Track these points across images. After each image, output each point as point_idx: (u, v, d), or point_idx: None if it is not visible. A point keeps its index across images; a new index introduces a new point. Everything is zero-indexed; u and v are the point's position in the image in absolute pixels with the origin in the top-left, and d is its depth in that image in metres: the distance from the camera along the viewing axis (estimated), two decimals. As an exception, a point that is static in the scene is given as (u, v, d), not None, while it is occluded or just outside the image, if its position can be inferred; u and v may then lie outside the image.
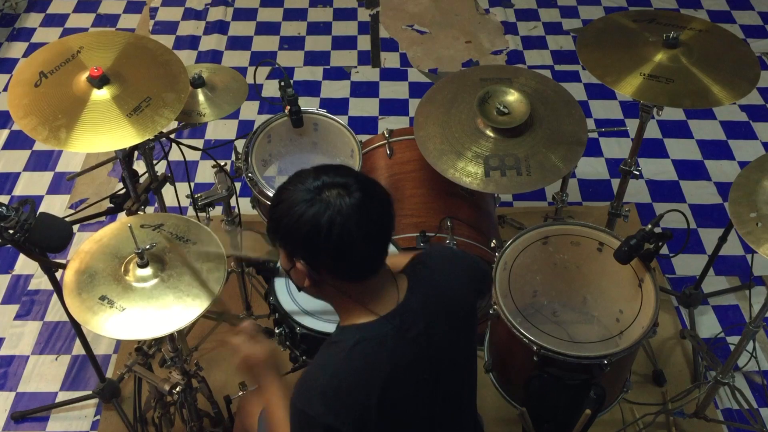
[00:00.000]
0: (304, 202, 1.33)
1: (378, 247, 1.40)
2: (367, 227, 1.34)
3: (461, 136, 2.25)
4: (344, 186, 1.34)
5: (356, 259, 1.37)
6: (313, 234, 1.32)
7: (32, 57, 2.04)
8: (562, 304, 2.39)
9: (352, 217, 1.32)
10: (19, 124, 1.87)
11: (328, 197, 1.33)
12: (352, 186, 1.34)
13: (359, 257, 1.37)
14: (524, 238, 2.22)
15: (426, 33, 4.14)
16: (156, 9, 4.26)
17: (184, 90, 2.02)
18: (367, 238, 1.35)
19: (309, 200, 1.33)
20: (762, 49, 3.99)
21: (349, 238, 1.33)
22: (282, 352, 2.16)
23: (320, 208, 1.32)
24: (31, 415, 2.57)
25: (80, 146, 1.87)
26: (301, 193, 1.34)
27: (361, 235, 1.33)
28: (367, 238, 1.35)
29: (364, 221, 1.34)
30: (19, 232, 1.75)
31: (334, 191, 1.33)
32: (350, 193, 1.33)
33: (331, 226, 1.31)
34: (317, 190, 1.34)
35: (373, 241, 1.37)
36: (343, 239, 1.32)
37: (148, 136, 1.91)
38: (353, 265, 1.38)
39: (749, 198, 1.90)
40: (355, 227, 1.32)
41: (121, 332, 1.64)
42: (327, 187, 1.34)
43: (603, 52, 2.27)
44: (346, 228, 1.32)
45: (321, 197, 1.33)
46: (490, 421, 1.75)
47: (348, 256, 1.36)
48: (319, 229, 1.32)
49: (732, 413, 2.59)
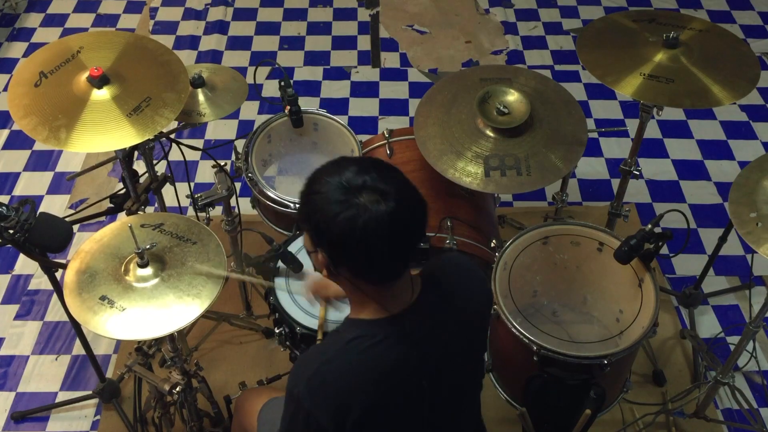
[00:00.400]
0: (338, 203, 1.29)
1: (404, 257, 1.38)
2: (397, 240, 1.33)
3: (461, 136, 2.25)
4: (383, 193, 1.30)
5: (380, 267, 1.36)
6: (342, 238, 1.31)
7: (32, 57, 2.04)
8: (562, 304, 2.39)
9: (384, 229, 1.29)
10: (19, 124, 1.87)
11: (364, 203, 1.29)
12: (390, 194, 1.30)
13: (383, 266, 1.36)
14: (524, 238, 2.23)
15: (426, 33, 4.14)
16: (156, 9, 4.26)
17: (184, 90, 2.02)
18: (395, 249, 1.34)
19: (344, 201, 1.29)
20: (762, 49, 3.99)
21: (378, 249, 1.31)
22: (282, 351, 2.15)
23: (354, 214, 1.28)
24: (31, 415, 2.57)
25: (80, 146, 1.87)
26: (338, 192, 1.30)
27: (389, 247, 1.32)
28: (394, 250, 1.34)
29: (395, 234, 1.31)
30: (19, 232, 1.75)
31: (372, 197, 1.29)
32: (387, 201, 1.29)
33: (362, 235, 1.29)
34: (355, 192, 1.30)
35: (400, 252, 1.36)
36: (371, 249, 1.31)
37: (148, 136, 1.91)
38: (376, 271, 1.38)
39: (749, 198, 1.90)
40: (385, 239, 1.30)
41: (121, 332, 1.64)
42: (366, 190, 1.30)
43: (603, 52, 2.27)
44: (376, 238, 1.29)
45: (357, 201, 1.29)
46: (490, 421, 1.75)
47: (373, 264, 1.35)
48: (348, 235, 1.30)
49: (732, 413, 2.59)
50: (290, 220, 2.40)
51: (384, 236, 1.30)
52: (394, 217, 1.30)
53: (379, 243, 1.31)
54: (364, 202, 1.29)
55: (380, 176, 1.33)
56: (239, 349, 2.73)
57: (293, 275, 2.11)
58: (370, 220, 1.28)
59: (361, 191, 1.30)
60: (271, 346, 2.74)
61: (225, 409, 2.42)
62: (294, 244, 2.19)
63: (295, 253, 2.11)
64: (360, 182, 1.31)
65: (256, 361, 2.70)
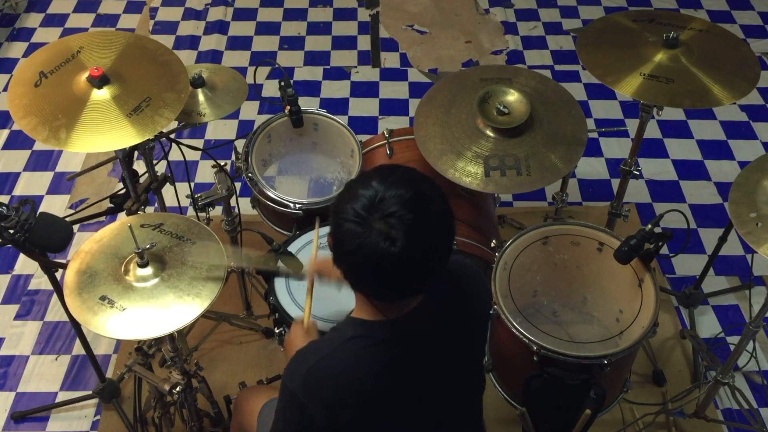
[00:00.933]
0: (355, 224, 1.26)
1: (414, 290, 1.37)
2: (404, 278, 1.30)
3: (461, 136, 2.25)
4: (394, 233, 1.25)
5: (390, 292, 1.35)
6: (355, 263, 1.30)
7: (32, 57, 2.04)
8: (562, 304, 2.39)
9: (389, 267, 1.27)
10: (19, 124, 1.87)
11: (376, 237, 1.25)
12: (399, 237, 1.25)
13: (394, 291, 1.35)
14: (524, 238, 2.23)
15: (426, 33, 4.14)
16: (156, 9, 4.26)
17: (184, 90, 2.02)
18: (408, 278, 1.31)
19: (360, 224, 1.26)
20: (762, 49, 3.99)
21: (390, 278, 1.30)
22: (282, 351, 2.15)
23: (362, 243, 1.25)
24: (31, 415, 2.57)
25: (80, 146, 1.87)
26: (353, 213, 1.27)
27: (401, 277, 1.30)
28: (407, 278, 1.31)
29: (401, 274, 1.29)
30: (19, 232, 1.75)
31: (391, 221, 1.25)
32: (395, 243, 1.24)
33: (377, 264, 1.27)
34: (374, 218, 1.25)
35: (408, 287, 1.34)
36: (383, 277, 1.29)
37: (148, 136, 1.91)
38: (382, 297, 1.37)
39: (749, 198, 1.90)
40: (391, 276, 1.29)
41: (121, 332, 1.64)
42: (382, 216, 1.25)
43: (603, 52, 2.27)
44: (389, 266, 1.27)
45: (369, 224, 1.25)
46: (490, 421, 1.75)
47: (382, 290, 1.35)
48: (354, 261, 1.29)
49: (732, 413, 2.59)
50: (290, 220, 2.40)
51: (389, 273, 1.28)
52: (401, 260, 1.26)
53: (392, 274, 1.29)
54: (376, 236, 1.25)
55: (407, 207, 1.26)
56: (239, 349, 2.73)
57: (293, 275, 2.11)
58: (374, 255, 1.26)
59: (381, 219, 1.26)
60: (271, 346, 2.74)
61: (225, 409, 2.42)
62: (294, 244, 2.19)
63: (295, 253, 2.11)
64: (386, 210, 1.26)
65: (256, 361, 2.70)
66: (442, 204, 1.33)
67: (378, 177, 1.30)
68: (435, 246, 1.31)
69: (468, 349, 1.57)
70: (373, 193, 1.28)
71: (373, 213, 1.26)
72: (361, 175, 1.34)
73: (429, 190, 1.32)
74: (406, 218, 1.25)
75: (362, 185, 1.30)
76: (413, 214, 1.26)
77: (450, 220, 1.34)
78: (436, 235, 1.30)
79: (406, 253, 1.25)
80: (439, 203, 1.32)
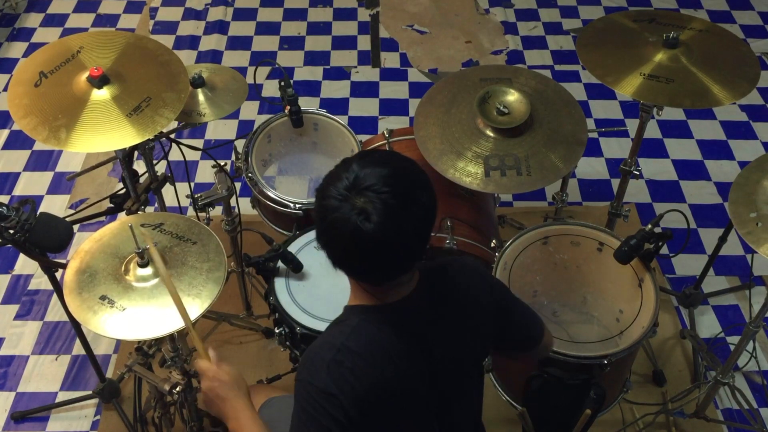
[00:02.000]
0: (335, 200, 1.28)
1: (399, 269, 1.37)
2: (385, 256, 1.31)
3: (461, 136, 2.25)
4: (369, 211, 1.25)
5: (370, 272, 1.36)
6: (330, 237, 1.31)
7: (32, 57, 2.04)
8: (562, 304, 2.39)
9: (367, 245, 1.28)
10: (19, 124, 1.87)
11: (357, 204, 1.26)
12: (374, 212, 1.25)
13: (374, 270, 1.35)
14: (524, 238, 2.23)
15: (426, 33, 4.14)
16: (156, 9, 4.26)
17: (184, 90, 2.02)
18: (384, 264, 1.32)
19: (340, 201, 1.27)
20: (762, 49, 3.99)
21: (366, 255, 1.30)
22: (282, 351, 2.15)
23: (344, 216, 1.26)
24: (31, 415, 2.57)
25: (80, 146, 1.87)
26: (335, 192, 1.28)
27: (377, 254, 1.30)
28: (383, 264, 1.32)
29: (380, 251, 1.29)
30: (19, 232, 1.75)
31: (368, 194, 1.26)
32: (369, 219, 1.25)
33: (351, 239, 1.27)
34: (350, 191, 1.27)
35: (393, 266, 1.34)
36: (359, 254, 1.30)
37: (148, 136, 1.91)
38: (367, 278, 1.38)
39: (749, 198, 1.90)
40: (371, 254, 1.29)
41: (121, 332, 1.64)
42: (359, 191, 1.27)
43: (603, 52, 2.27)
44: (364, 242, 1.27)
45: (349, 201, 1.26)
46: (490, 421, 1.75)
47: (361, 269, 1.35)
48: (335, 236, 1.30)
49: (732, 413, 2.59)
50: (290, 220, 2.40)
51: (364, 250, 1.29)
52: (375, 236, 1.26)
53: (371, 251, 1.29)
54: (351, 211, 1.26)
55: (384, 182, 1.27)
56: (239, 349, 2.73)
57: (293, 275, 2.11)
58: (348, 229, 1.26)
59: (358, 194, 1.27)
60: (271, 346, 2.74)
61: (225, 409, 2.42)
62: (294, 244, 2.19)
63: (295, 253, 2.12)
64: (363, 185, 1.27)
65: (256, 361, 2.70)
66: (421, 182, 1.33)
67: (357, 158, 1.33)
68: (413, 223, 1.30)
69: (469, 347, 1.56)
70: (353, 174, 1.29)
71: (352, 191, 1.28)
72: (344, 160, 1.35)
73: (406, 168, 1.33)
74: (382, 192, 1.26)
75: (344, 169, 1.32)
76: (390, 189, 1.27)
77: (430, 198, 1.33)
78: (414, 212, 1.30)
79: (381, 229, 1.26)
80: (418, 182, 1.33)
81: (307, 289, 2.09)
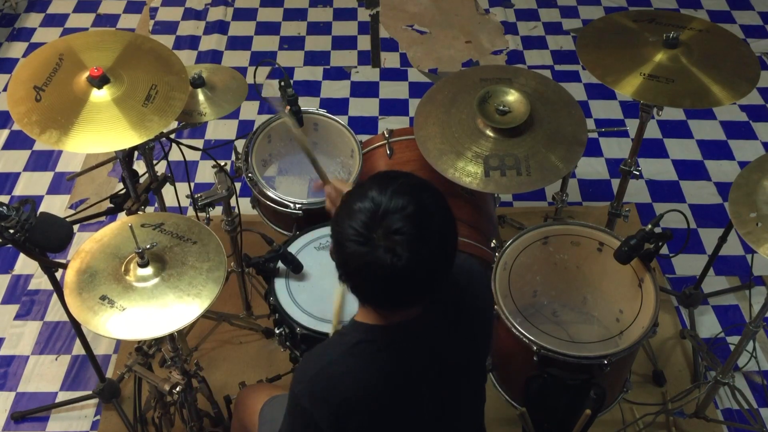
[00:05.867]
0: (357, 243, 1.24)
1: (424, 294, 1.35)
2: (418, 280, 1.29)
3: (461, 136, 2.26)
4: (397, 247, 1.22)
5: (396, 303, 1.35)
6: (361, 281, 1.29)
7: (31, 57, 2.04)
8: (562, 304, 2.39)
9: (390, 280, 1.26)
10: (19, 124, 1.87)
11: (380, 243, 1.23)
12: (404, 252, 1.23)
13: (401, 302, 1.35)
14: (524, 238, 2.23)
15: (426, 33, 4.14)
16: (156, 9, 4.26)
17: (184, 90, 2.02)
18: (413, 288, 1.30)
19: (363, 243, 1.24)
20: (762, 49, 3.99)
21: (396, 290, 1.29)
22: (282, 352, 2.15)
23: (367, 253, 1.24)
24: (31, 415, 2.57)
25: (80, 146, 1.87)
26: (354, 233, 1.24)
27: (407, 288, 1.29)
28: (413, 289, 1.30)
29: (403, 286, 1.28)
30: (19, 231, 1.75)
31: (395, 237, 1.23)
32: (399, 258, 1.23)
33: (384, 280, 1.26)
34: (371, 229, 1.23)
35: (419, 289, 1.32)
36: (390, 291, 1.29)
37: (172, 118, 1.91)
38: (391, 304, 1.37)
39: (749, 198, 1.90)
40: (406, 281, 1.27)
41: (121, 332, 1.64)
42: (383, 231, 1.23)
43: (603, 52, 2.27)
44: (395, 280, 1.26)
45: (372, 242, 1.23)
46: (490, 422, 1.75)
47: (388, 302, 1.34)
48: (367, 279, 1.28)
49: (732, 413, 2.59)
50: (290, 220, 2.40)
51: (395, 286, 1.28)
52: (406, 273, 1.25)
53: (391, 290, 1.28)
54: (382, 253, 1.23)
55: (411, 222, 1.24)
56: (239, 349, 2.73)
57: (293, 276, 2.11)
58: (381, 271, 1.24)
59: (377, 229, 1.24)
60: (271, 346, 2.74)
61: (225, 409, 2.42)
62: (294, 244, 2.19)
63: (295, 254, 2.12)
64: (389, 226, 1.23)
65: (256, 361, 2.70)
66: (444, 213, 1.31)
67: (376, 188, 1.27)
68: (439, 255, 1.29)
69: (474, 350, 1.56)
70: (372, 206, 1.25)
71: (376, 229, 1.24)
72: (357, 188, 1.31)
73: (430, 199, 1.30)
74: (410, 233, 1.23)
75: (359, 199, 1.27)
76: (417, 229, 1.24)
77: (452, 227, 1.33)
78: (439, 244, 1.28)
79: (410, 265, 1.24)
80: (441, 213, 1.30)
81: (307, 289, 2.09)
